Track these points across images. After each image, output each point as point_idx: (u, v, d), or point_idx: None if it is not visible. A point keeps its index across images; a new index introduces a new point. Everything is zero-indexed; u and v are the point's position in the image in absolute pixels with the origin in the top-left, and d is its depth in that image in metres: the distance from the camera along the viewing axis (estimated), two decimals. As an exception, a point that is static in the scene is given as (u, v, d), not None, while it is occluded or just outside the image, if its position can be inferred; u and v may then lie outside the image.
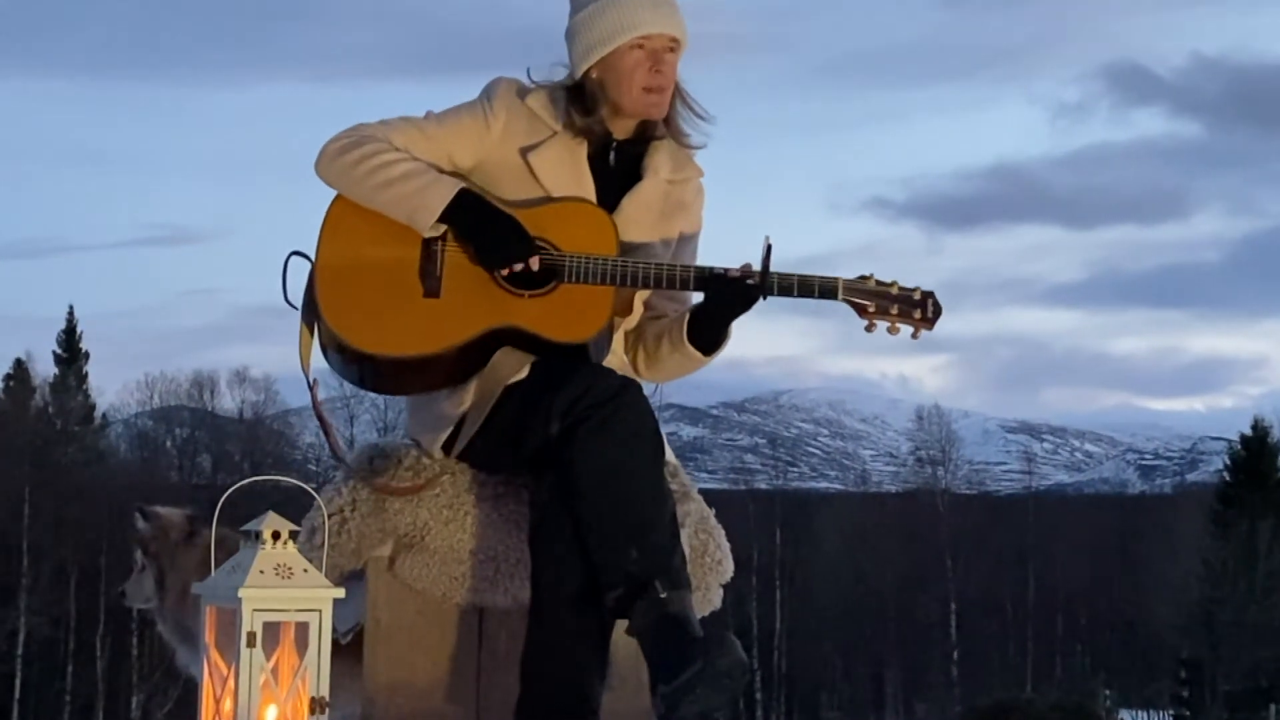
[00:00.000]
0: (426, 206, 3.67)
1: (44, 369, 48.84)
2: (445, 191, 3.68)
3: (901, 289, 3.74)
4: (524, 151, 3.79)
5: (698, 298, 3.79)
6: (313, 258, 3.76)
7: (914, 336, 3.80)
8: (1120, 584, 55.60)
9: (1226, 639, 45.46)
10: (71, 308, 50.07)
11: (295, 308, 3.79)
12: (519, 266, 3.64)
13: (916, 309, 3.74)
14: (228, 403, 54.49)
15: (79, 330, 50.06)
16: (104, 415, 51.81)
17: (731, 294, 3.70)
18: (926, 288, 3.77)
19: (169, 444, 53.49)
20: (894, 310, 3.73)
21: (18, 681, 40.94)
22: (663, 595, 3.43)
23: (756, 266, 3.66)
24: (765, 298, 3.70)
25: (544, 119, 3.82)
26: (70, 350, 50.64)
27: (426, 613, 3.82)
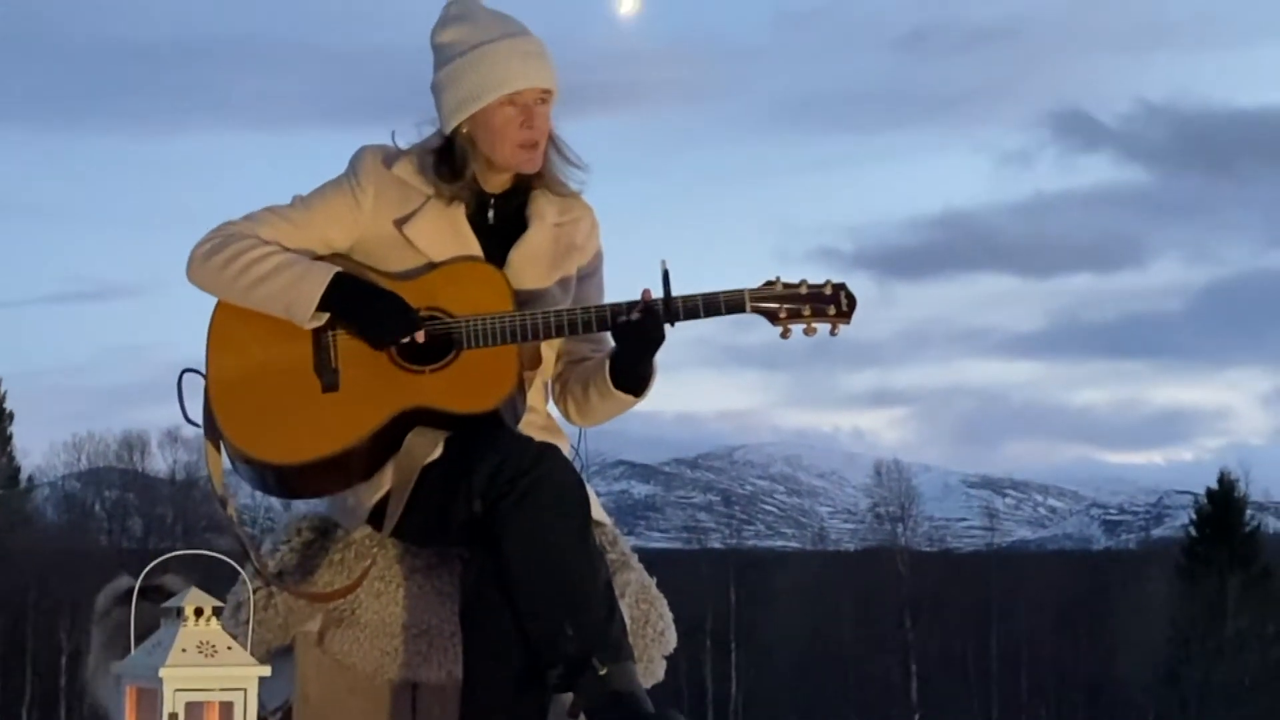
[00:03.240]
0: (302, 298, 3.60)
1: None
2: (320, 279, 3.61)
3: (810, 286, 3.68)
4: (398, 223, 3.73)
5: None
6: (204, 373, 3.68)
7: (832, 333, 3.72)
8: (1086, 642, 55.13)
9: (1195, 698, 45.25)
10: (-9, 365, 48.52)
11: (197, 425, 3.72)
12: (406, 340, 3.59)
13: (829, 304, 3.68)
14: (159, 464, 53.47)
15: (2, 389, 48.62)
16: (30, 478, 50.67)
17: (637, 334, 3.63)
18: (837, 280, 3.70)
19: (98, 507, 52.51)
20: (806, 311, 3.67)
21: None
22: (603, 672, 3.39)
23: (656, 293, 3.61)
24: (673, 324, 3.63)
25: (415, 186, 3.75)
26: (-8, 410, 48.88)
27: (358, 689, 3.75)
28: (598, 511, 3.70)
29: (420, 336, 3.59)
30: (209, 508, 52.11)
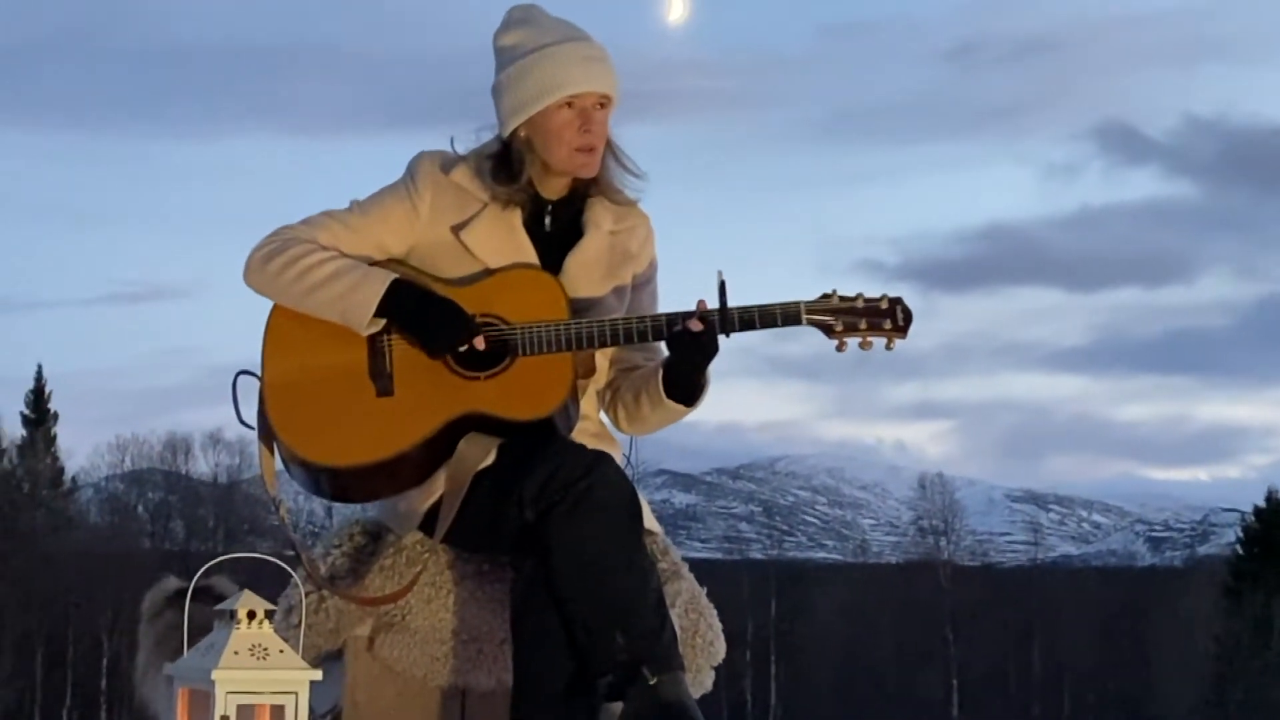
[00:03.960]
0: (360, 304, 3.60)
1: (11, 430, 47.39)
2: (377, 285, 3.61)
3: (867, 300, 3.66)
4: (455, 229, 3.72)
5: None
6: (260, 375, 3.69)
7: (888, 347, 3.70)
8: (1129, 660, 54.61)
9: (1239, 718, 44.86)
10: (40, 367, 48.79)
11: (251, 427, 3.73)
12: (464, 348, 3.59)
13: (886, 319, 3.67)
14: (202, 466, 53.50)
15: (48, 390, 48.76)
16: (73, 479, 50.75)
17: (692, 344, 3.61)
18: (893, 295, 3.69)
19: (141, 509, 52.49)
20: (862, 325, 3.66)
21: None
22: (653, 682, 3.38)
23: (712, 304, 3.59)
24: (728, 335, 3.61)
25: (472, 192, 3.75)
26: (38, 411, 49.28)
27: (407, 694, 3.73)
28: (649, 520, 3.69)
29: (480, 343, 3.58)
30: (250, 511, 52.19)
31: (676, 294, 3.84)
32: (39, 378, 49.12)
